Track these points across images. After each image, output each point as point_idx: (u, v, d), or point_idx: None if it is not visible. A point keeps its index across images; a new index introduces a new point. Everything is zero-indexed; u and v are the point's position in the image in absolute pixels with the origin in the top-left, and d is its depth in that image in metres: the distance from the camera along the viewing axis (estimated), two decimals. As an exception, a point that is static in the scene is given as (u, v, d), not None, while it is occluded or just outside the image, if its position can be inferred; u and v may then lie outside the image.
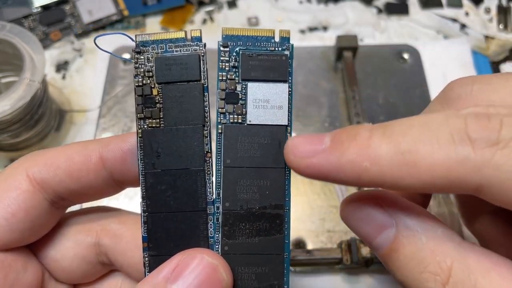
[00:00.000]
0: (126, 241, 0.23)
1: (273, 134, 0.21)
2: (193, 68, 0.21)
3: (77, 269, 0.24)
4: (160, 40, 0.21)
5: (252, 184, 0.20)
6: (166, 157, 0.21)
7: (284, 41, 0.21)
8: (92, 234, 0.24)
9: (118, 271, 0.25)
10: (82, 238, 0.24)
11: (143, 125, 0.21)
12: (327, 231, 0.40)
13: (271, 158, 0.21)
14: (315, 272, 0.39)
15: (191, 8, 0.53)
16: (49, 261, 0.23)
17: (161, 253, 0.21)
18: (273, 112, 0.21)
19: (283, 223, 0.21)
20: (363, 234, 0.19)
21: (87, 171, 0.22)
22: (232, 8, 0.54)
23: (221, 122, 0.21)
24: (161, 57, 0.21)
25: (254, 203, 0.21)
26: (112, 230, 0.24)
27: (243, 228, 0.20)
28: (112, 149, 0.22)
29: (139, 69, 0.21)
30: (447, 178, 0.16)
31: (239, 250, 0.21)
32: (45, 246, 0.23)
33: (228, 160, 0.20)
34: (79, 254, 0.23)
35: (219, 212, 0.21)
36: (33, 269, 0.22)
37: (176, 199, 0.21)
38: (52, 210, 0.22)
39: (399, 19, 0.54)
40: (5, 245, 0.21)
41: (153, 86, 0.21)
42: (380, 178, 0.17)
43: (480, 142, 0.16)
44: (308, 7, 0.54)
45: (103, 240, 0.23)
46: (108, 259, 0.24)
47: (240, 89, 0.21)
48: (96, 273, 0.25)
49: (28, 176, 0.21)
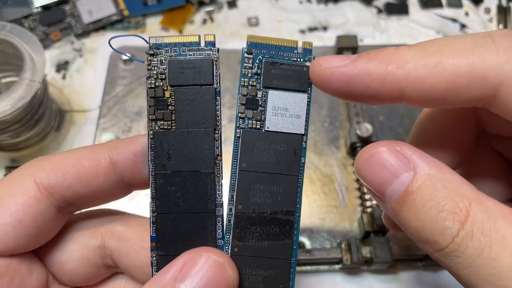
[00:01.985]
0: (131, 243, 0.23)
1: (289, 142, 0.21)
2: (206, 72, 0.21)
3: (81, 271, 0.24)
4: (173, 43, 0.21)
5: (266, 189, 0.21)
6: (176, 159, 0.21)
7: (306, 52, 0.21)
8: (97, 236, 0.24)
9: (121, 273, 0.25)
10: (87, 240, 0.24)
11: (154, 126, 0.21)
12: (327, 231, 0.40)
13: (286, 165, 0.21)
14: (315, 272, 0.39)
15: (191, 8, 0.53)
16: (54, 264, 0.23)
17: (169, 253, 0.21)
18: (291, 120, 0.21)
19: (292, 229, 0.21)
20: (378, 181, 0.19)
21: (96, 175, 0.22)
22: (232, 8, 0.54)
23: (239, 126, 0.21)
24: (174, 60, 0.21)
25: (266, 208, 0.21)
26: (117, 233, 0.24)
27: (254, 231, 0.21)
28: (123, 152, 0.22)
29: (152, 71, 0.21)
30: (469, 76, 0.17)
31: (248, 253, 0.21)
32: (50, 249, 0.23)
33: (244, 164, 0.21)
34: (84, 256, 0.23)
35: (232, 214, 0.21)
36: (38, 273, 0.23)
37: (185, 200, 0.21)
38: (59, 215, 0.22)
39: (399, 19, 0.54)
40: (11, 251, 0.21)
41: (165, 89, 0.21)
42: (404, 81, 0.18)
43: (503, 43, 0.17)
44: (308, 7, 0.54)
45: (108, 243, 0.24)
46: (112, 262, 0.24)
47: (260, 96, 0.21)
48: (99, 276, 0.25)
49: (36, 181, 0.21)
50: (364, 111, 0.45)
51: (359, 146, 0.42)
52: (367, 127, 0.42)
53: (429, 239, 0.18)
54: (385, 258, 0.36)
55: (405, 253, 0.38)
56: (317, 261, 0.38)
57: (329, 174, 0.43)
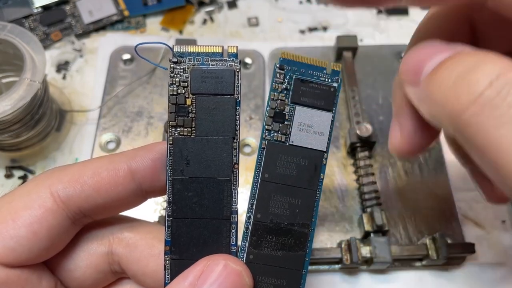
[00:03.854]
0: (140, 250, 0.23)
1: (311, 158, 0.22)
2: (228, 82, 0.21)
3: (88, 278, 0.24)
4: (196, 52, 0.21)
5: (285, 201, 0.22)
6: (195, 165, 0.21)
7: (334, 74, 0.22)
8: (105, 243, 0.24)
9: (127, 278, 0.25)
10: (95, 247, 0.24)
11: (174, 132, 0.21)
12: (327, 231, 0.40)
13: (306, 179, 0.22)
14: (315, 272, 0.39)
15: (191, 8, 0.53)
16: (61, 271, 0.23)
17: (183, 257, 0.21)
18: (315, 137, 0.22)
19: (306, 241, 0.22)
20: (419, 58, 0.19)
21: (115, 184, 0.22)
22: (232, 9, 0.54)
23: (265, 138, 0.22)
24: (197, 69, 0.21)
25: (283, 219, 0.22)
26: (126, 239, 0.24)
27: (270, 241, 0.22)
28: (141, 160, 0.22)
29: (175, 79, 0.21)
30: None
31: (263, 261, 0.22)
32: (58, 256, 0.23)
33: (266, 174, 0.22)
34: (92, 264, 0.23)
35: (250, 221, 0.22)
36: (47, 281, 0.23)
37: (201, 206, 0.21)
38: (72, 227, 0.23)
39: (399, 19, 0.54)
40: (24, 262, 0.21)
41: (187, 96, 0.21)
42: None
43: None
44: (308, 8, 0.54)
45: (116, 249, 0.24)
46: (120, 268, 0.24)
47: (288, 111, 0.22)
48: (106, 281, 0.25)
49: (52, 194, 0.21)
50: (364, 111, 0.45)
51: (359, 146, 0.42)
52: (367, 127, 0.42)
53: (462, 90, 0.16)
54: (385, 258, 0.36)
55: (405, 253, 0.38)
56: (317, 261, 0.38)
57: (329, 174, 0.43)
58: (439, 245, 0.37)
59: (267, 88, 0.48)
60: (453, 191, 0.42)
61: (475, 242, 0.38)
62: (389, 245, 0.37)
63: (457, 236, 0.40)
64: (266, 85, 0.48)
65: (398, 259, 0.38)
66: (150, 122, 0.45)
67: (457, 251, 0.37)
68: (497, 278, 0.39)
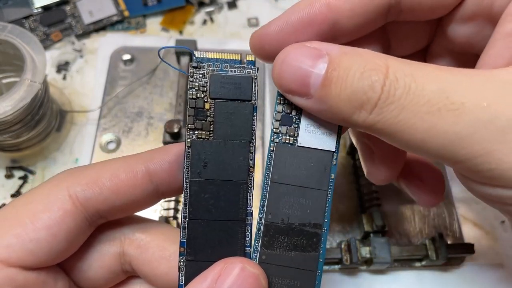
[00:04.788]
0: (151, 251, 0.23)
1: (319, 158, 0.22)
2: (246, 88, 0.22)
3: (101, 278, 0.24)
4: (216, 59, 0.22)
5: (295, 201, 0.22)
6: (212, 168, 0.22)
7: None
8: (117, 244, 0.24)
9: (137, 277, 0.25)
10: (107, 248, 0.24)
11: (192, 135, 0.22)
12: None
13: (315, 179, 0.22)
14: (315, 272, 0.39)
15: (191, 8, 0.53)
16: (74, 271, 0.24)
17: (198, 259, 0.21)
18: (323, 138, 0.22)
19: (319, 242, 0.22)
20: (301, 75, 0.20)
21: (133, 186, 0.22)
22: (232, 9, 0.54)
23: (274, 141, 0.22)
24: (216, 74, 0.22)
25: (294, 219, 0.22)
26: (137, 240, 0.24)
27: (282, 241, 0.22)
28: (159, 162, 0.23)
29: (194, 83, 0.22)
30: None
31: (276, 261, 0.22)
32: (72, 257, 0.23)
33: (276, 176, 0.22)
34: (104, 264, 0.24)
35: (261, 223, 0.22)
36: (63, 282, 0.23)
37: (217, 208, 0.22)
38: (88, 228, 0.23)
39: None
40: (42, 264, 0.21)
41: (206, 101, 0.22)
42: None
43: None
44: (308, 8, 0.54)
45: (128, 250, 0.24)
46: (131, 268, 0.24)
47: (295, 114, 0.22)
48: (117, 280, 0.25)
49: (71, 196, 0.22)
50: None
51: (359, 147, 0.42)
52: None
53: (362, 99, 0.19)
54: (384, 258, 0.36)
55: (405, 253, 0.38)
56: (317, 261, 0.38)
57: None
58: (438, 246, 0.37)
59: (267, 88, 0.48)
60: (453, 192, 0.42)
61: (474, 242, 0.38)
62: (389, 245, 0.37)
63: (456, 237, 0.40)
64: (266, 85, 0.48)
65: (397, 259, 0.38)
66: (150, 122, 0.45)
67: (456, 251, 0.38)
68: (496, 279, 0.39)
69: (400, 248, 0.38)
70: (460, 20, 0.24)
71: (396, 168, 0.28)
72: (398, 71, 0.19)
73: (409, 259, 0.39)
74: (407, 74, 0.19)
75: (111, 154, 0.44)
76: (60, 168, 0.43)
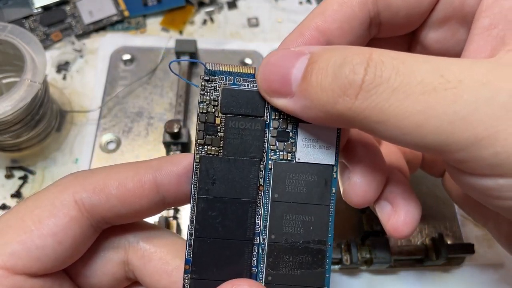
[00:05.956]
0: (153, 264, 0.23)
1: (320, 173, 0.21)
2: (259, 104, 0.21)
3: (105, 285, 0.24)
4: (228, 71, 0.21)
5: (297, 219, 0.21)
6: (220, 185, 0.21)
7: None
8: (121, 251, 0.24)
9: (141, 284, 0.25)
10: (111, 255, 0.24)
11: (201, 150, 0.21)
12: (327, 231, 0.40)
13: (317, 195, 0.21)
14: (315, 272, 0.39)
15: (191, 8, 0.53)
16: (79, 277, 0.23)
17: (203, 277, 0.21)
18: (321, 151, 0.21)
19: (325, 258, 0.21)
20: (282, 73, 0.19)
21: (140, 196, 0.22)
22: (232, 9, 0.54)
23: (271, 158, 0.21)
24: (228, 88, 0.21)
25: (298, 237, 0.21)
26: (141, 250, 0.23)
27: (287, 260, 0.21)
28: (167, 174, 0.22)
29: (205, 96, 0.21)
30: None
31: (282, 281, 0.21)
32: (76, 263, 0.23)
33: (276, 194, 0.21)
34: (109, 271, 0.23)
35: (265, 243, 0.21)
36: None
37: (224, 227, 0.21)
38: (93, 234, 0.22)
39: (399, 20, 0.54)
40: (48, 271, 0.21)
41: (217, 115, 0.21)
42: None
43: None
44: (308, 8, 0.54)
45: (132, 259, 0.23)
46: (134, 276, 0.24)
47: (291, 128, 0.21)
48: (121, 286, 0.25)
49: (76, 202, 0.21)
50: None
51: (359, 147, 0.42)
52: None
53: (344, 83, 0.18)
54: (384, 258, 0.36)
55: (405, 253, 0.38)
56: (317, 261, 0.38)
57: (329, 175, 0.43)
58: (438, 246, 0.37)
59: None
60: (453, 192, 0.42)
61: (474, 242, 0.38)
62: (389, 245, 0.37)
63: (456, 237, 0.40)
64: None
65: (397, 259, 0.38)
66: (150, 122, 0.45)
67: (456, 251, 0.38)
68: (496, 279, 0.39)
69: (400, 248, 0.38)
70: (433, 25, 0.23)
71: (374, 186, 0.24)
72: (383, 54, 0.18)
73: (409, 259, 0.39)
74: (394, 57, 0.18)
75: (111, 154, 0.44)
76: (60, 168, 0.43)
